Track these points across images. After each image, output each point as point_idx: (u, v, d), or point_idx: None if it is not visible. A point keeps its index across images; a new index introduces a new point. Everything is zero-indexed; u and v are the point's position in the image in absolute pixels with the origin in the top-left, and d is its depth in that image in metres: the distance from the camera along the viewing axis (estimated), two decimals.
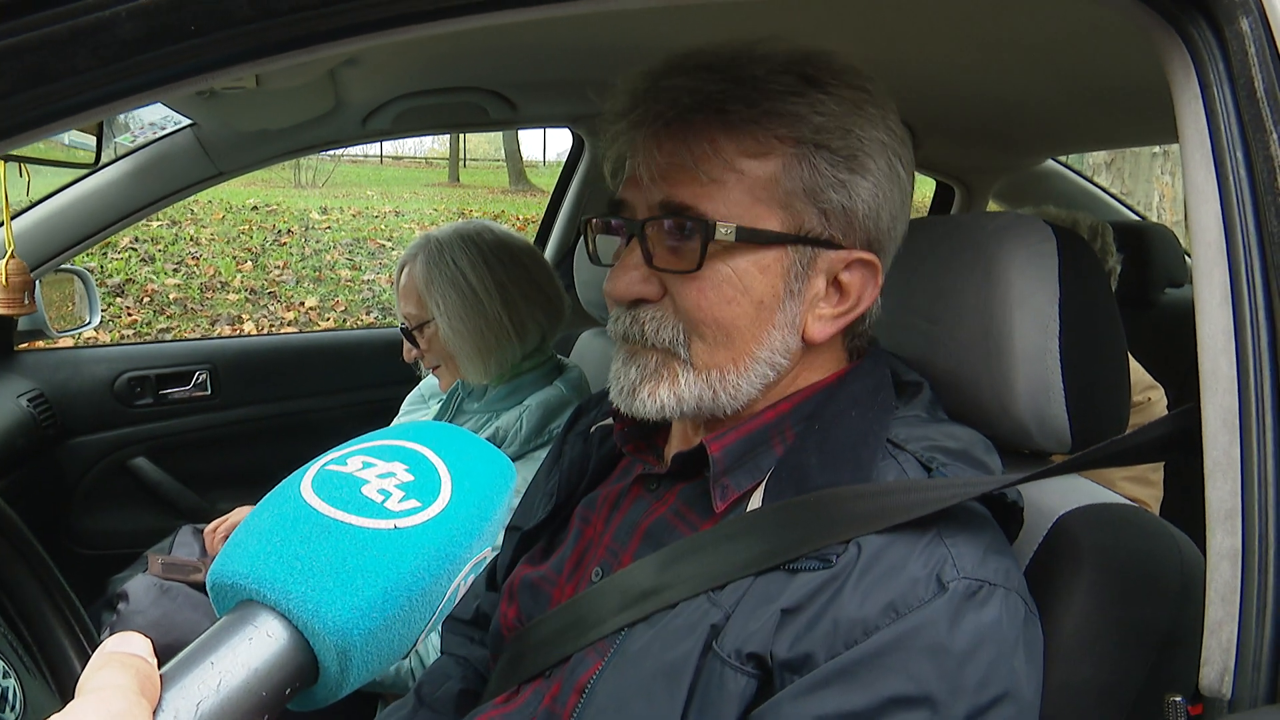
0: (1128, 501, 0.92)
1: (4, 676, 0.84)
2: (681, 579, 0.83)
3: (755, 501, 0.86)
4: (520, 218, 10.97)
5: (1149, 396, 2.10)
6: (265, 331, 6.58)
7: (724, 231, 0.82)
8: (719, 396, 0.87)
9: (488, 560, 0.61)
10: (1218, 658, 0.67)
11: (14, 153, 1.35)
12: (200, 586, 1.81)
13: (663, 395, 0.88)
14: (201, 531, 1.95)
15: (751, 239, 0.84)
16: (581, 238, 2.27)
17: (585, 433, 1.13)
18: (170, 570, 1.81)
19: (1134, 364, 2.13)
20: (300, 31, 0.50)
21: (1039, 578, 0.84)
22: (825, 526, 0.78)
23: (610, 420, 1.05)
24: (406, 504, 0.53)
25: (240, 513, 1.84)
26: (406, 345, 1.73)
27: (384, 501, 0.52)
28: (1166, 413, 2.03)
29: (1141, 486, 2.01)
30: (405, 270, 1.67)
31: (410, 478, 0.55)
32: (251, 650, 0.47)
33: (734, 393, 0.87)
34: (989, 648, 0.71)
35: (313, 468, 0.55)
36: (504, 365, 1.64)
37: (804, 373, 0.91)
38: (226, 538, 1.71)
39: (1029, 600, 0.78)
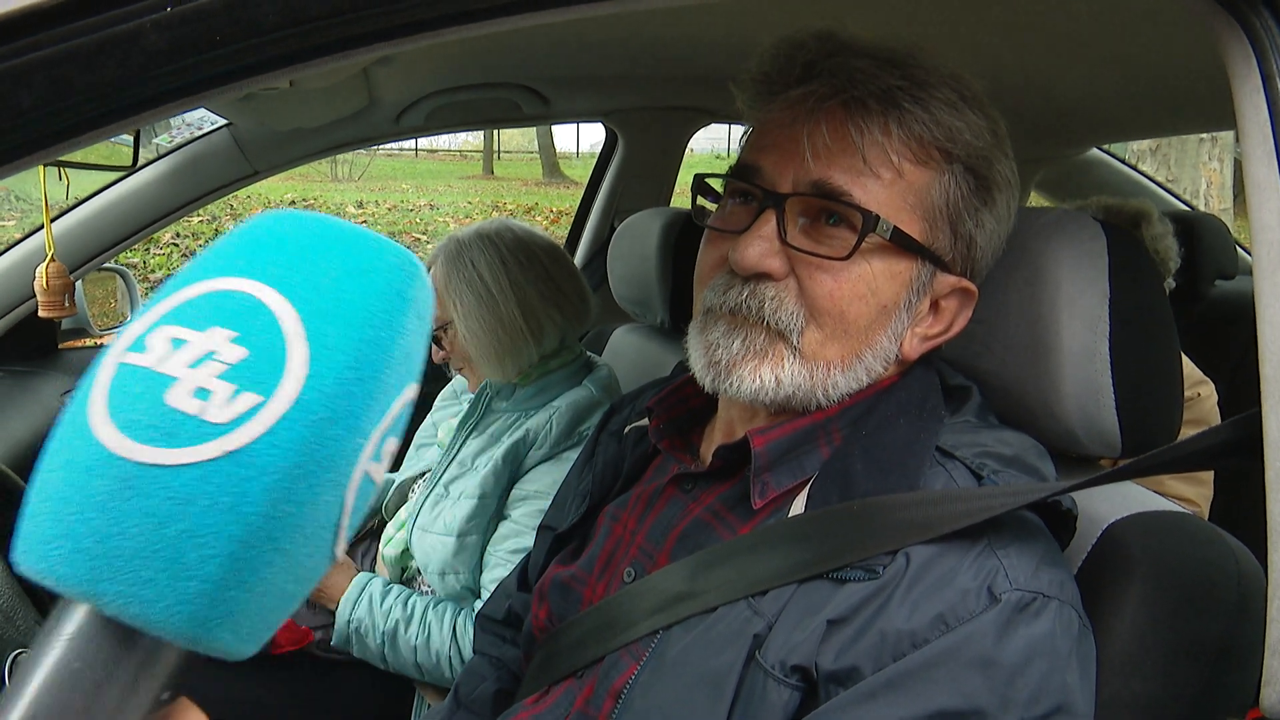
0: (1178, 508, 0.88)
1: None
2: (719, 583, 0.82)
3: (798, 507, 0.84)
4: (554, 209, 11.00)
5: (1199, 392, 2.05)
6: None
7: (884, 228, 0.81)
8: (815, 389, 0.85)
9: (410, 404, 0.42)
10: None
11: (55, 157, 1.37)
12: None
13: (764, 375, 0.84)
14: None
15: (899, 242, 0.82)
16: (613, 231, 2.27)
17: (619, 433, 1.12)
18: None
19: (1184, 359, 2.08)
20: (331, 37, 0.49)
21: (1087, 588, 0.81)
22: (871, 535, 0.76)
23: (644, 421, 1.04)
24: (238, 403, 0.35)
25: None
26: (433, 347, 1.73)
27: (203, 410, 0.35)
28: (1216, 409, 2.01)
29: (1190, 485, 1.96)
30: (429, 271, 1.66)
31: (240, 352, 0.36)
32: (75, 679, 0.35)
33: (830, 389, 0.86)
34: (1041, 661, 0.69)
35: (104, 366, 0.37)
36: (520, 365, 1.63)
37: (887, 382, 0.90)
38: None
39: (1082, 613, 0.75)
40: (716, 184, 0.94)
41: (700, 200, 0.95)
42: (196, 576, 0.34)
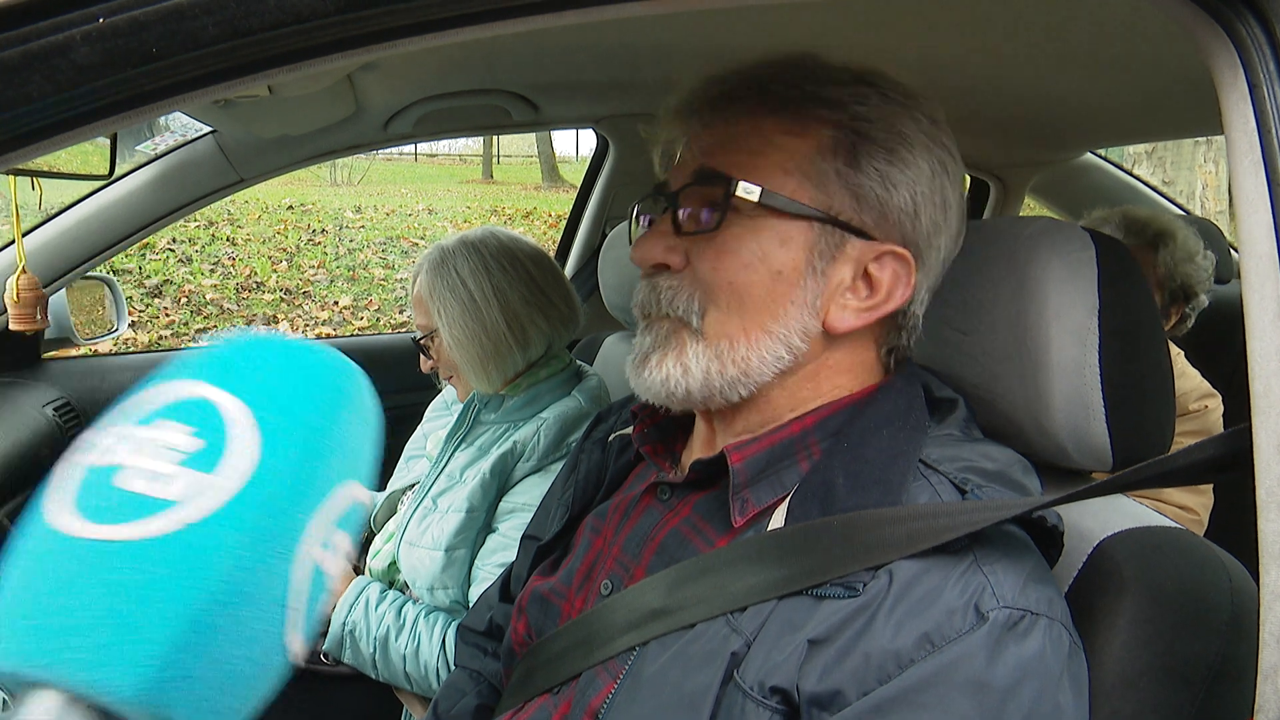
0: (1171, 523, 0.86)
1: (3, 708, 0.82)
2: (696, 599, 0.80)
3: (777, 520, 0.82)
4: (552, 214, 10.99)
5: (1206, 405, 2.02)
6: (300, 331, 6.64)
7: (745, 190, 0.82)
8: (726, 369, 0.85)
9: (361, 503, 0.46)
10: (1273, 704, 0.63)
11: (24, 166, 1.35)
12: None
13: (669, 365, 0.86)
14: None
15: (775, 205, 0.83)
16: (604, 238, 2.25)
17: (603, 441, 1.11)
18: None
19: (1191, 370, 2.05)
20: (274, 51, 0.47)
21: (1078, 606, 0.79)
22: (852, 551, 0.74)
23: (629, 429, 1.03)
24: (192, 481, 0.39)
25: None
26: (422, 357, 1.71)
27: (158, 490, 0.38)
28: (1222, 421, 1.98)
29: (1190, 493, 1.94)
30: (416, 280, 1.65)
31: (195, 443, 0.40)
32: None
33: (743, 365, 0.84)
34: (1033, 682, 0.67)
35: (59, 474, 0.40)
36: (506, 374, 1.62)
37: (830, 374, 0.88)
38: None
39: (1073, 631, 0.73)
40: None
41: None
42: (153, 639, 0.36)
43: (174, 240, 7.84)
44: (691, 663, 0.77)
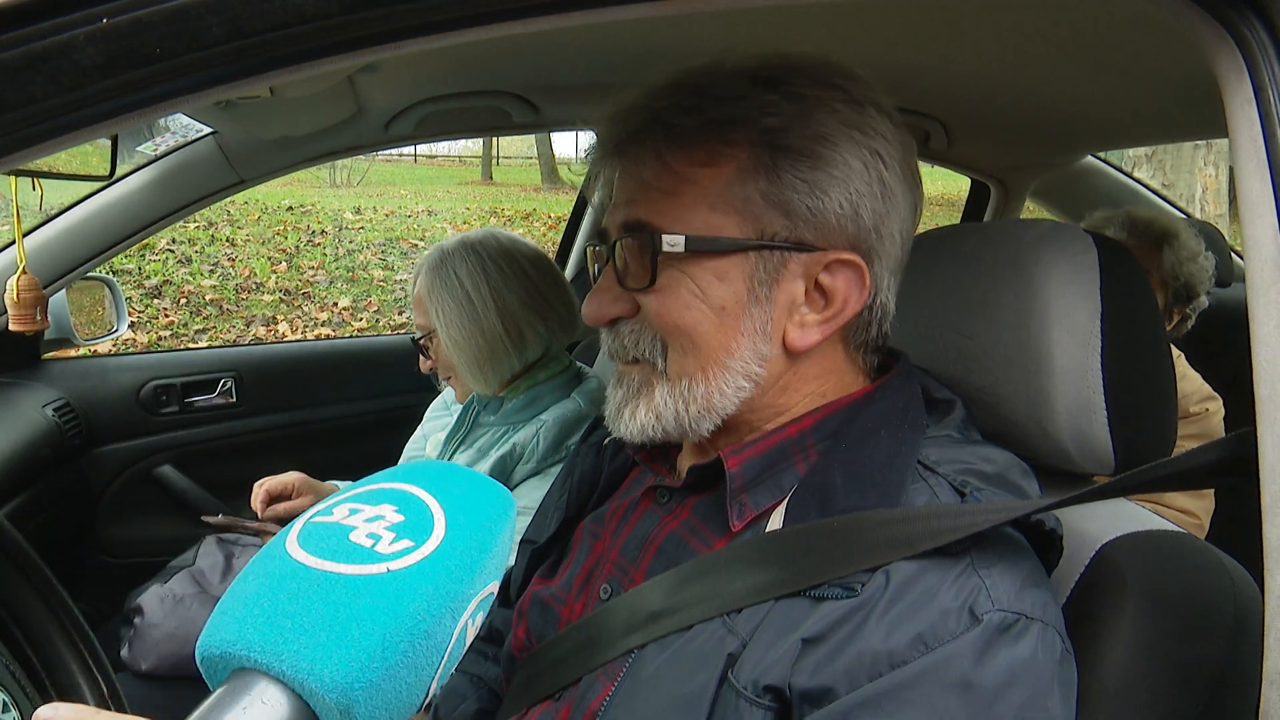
0: (1174, 527, 0.86)
1: (3, 710, 0.82)
2: (694, 601, 0.80)
3: (775, 522, 0.82)
4: (552, 215, 10.99)
5: (1207, 407, 2.02)
6: (299, 332, 6.64)
7: (670, 243, 0.81)
8: (689, 407, 0.85)
9: (494, 596, 0.58)
10: (1278, 710, 0.62)
11: (25, 167, 1.35)
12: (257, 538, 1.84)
13: (641, 415, 0.88)
14: (226, 543, 1.94)
15: (702, 247, 0.81)
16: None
17: (598, 445, 1.10)
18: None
19: (1192, 373, 2.05)
20: (280, 52, 0.47)
21: (1080, 611, 0.79)
22: (850, 552, 0.74)
23: None
24: (398, 545, 0.51)
25: (293, 475, 1.81)
26: (421, 357, 1.71)
27: (374, 545, 0.51)
28: (1223, 425, 1.98)
29: (1191, 497, 1.94)
30: (416, 281, 1.65)
31: (400, 518, 0.53)
32: None
33: (705, 404, 0.85)
34: (1022, 686, 0.67)
35: (298, 523, 0.53)
36: (503, 375, 1.61)
37: (801, 383, 0.87)
38: (269, 497, 1.72)
39: (1065, 637, 0.73)
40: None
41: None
42: (356, 646, 0.46)
43: (174, 241, 7.83)
44: (688, 663, 0.77)
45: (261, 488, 1.80)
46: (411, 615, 0.49)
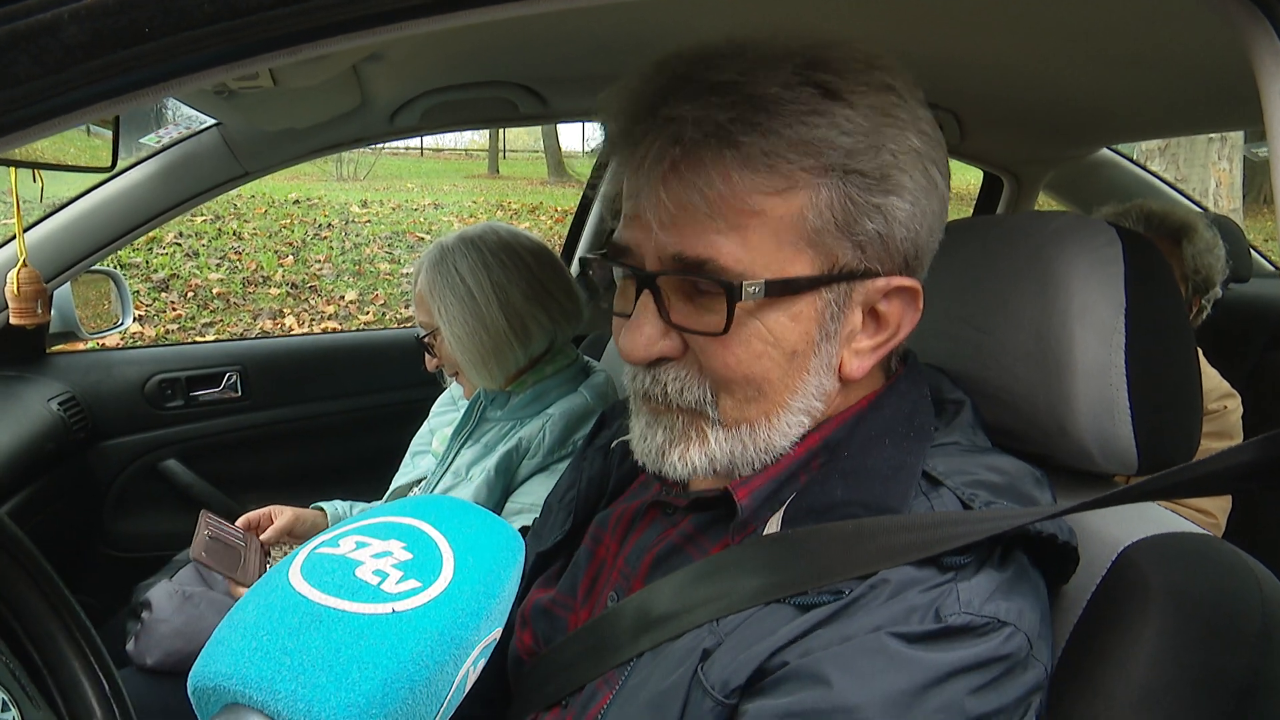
0: (1197, 528, 0.84)
1: (3, 709, 0.81)
2: (701, 602, 0.78)
3: (773, 526, 0.80)
4: (558, 209, 10.97)
5: (1224, 405, 1.99)
6: (306, 325, 6.64)
7: (752, 291, 0.73)
8: (748, 450, 0.80)
9: (496, 643, 0.56)
10: None
11: (24, 158, 1.33)
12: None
13: (693, 458, 0.81)
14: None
15: (782, 291, 0.74)
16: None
17: (605, 448, 1.08)
18: (216, 534, 1.76)
19: (1210, 369, 2.03)
20: (276, 31, 0.45)
21: (1101, 618, 0.77)
22: (841, 561, 0.73)
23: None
24: (405, 584, 0.49)
25: (281, 512, 1.76)
26: (426, 355, 1.69)
27: (380, 583, 0.49)
28: (1240, 423, 1.95)
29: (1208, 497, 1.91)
30: (417, 279, 1.63)
31: (408, 556, 0.51)
32: None
33: (765, 446, 0.81)
34: (971, 676, 0.66)
35: (302, 552, 0.51)
36: (508, 370, 1.59)
37: (835, 400, 0.84)
38: (249, 525, 1.66)
39: (1036, 642, 0.71)
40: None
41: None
42: (356, 689, 0.44)
43: (180, 234, 7.83)
44: (668, 664, 0.76)
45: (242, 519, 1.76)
46: (414, 660, 0.47)
